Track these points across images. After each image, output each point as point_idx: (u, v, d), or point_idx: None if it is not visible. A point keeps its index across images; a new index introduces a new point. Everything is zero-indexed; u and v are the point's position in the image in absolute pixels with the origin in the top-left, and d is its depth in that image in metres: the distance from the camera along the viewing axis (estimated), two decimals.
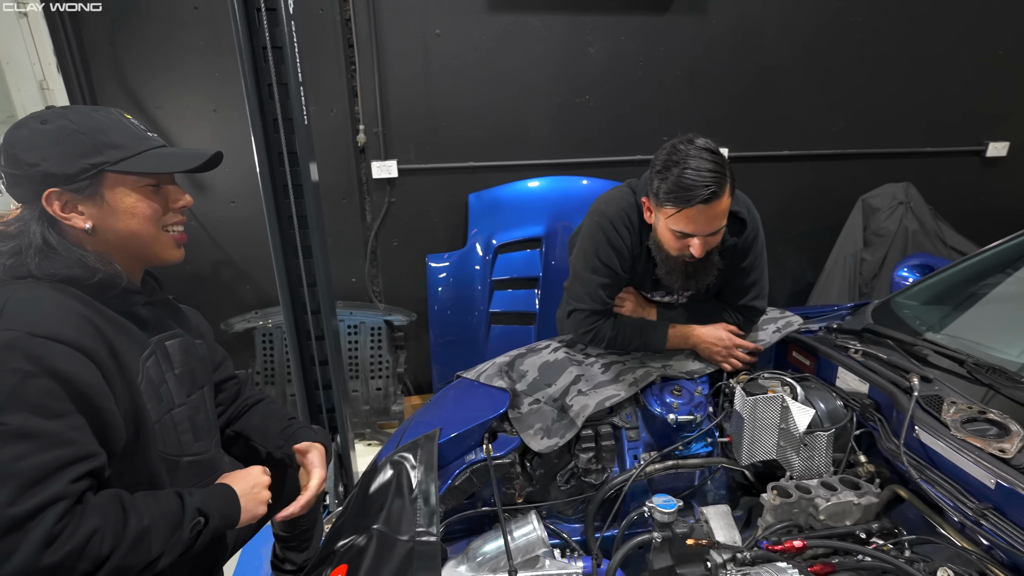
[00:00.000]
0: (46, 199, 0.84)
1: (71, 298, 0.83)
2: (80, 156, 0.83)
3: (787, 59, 2.81)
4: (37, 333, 0.74)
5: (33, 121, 0.84)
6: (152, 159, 0.89)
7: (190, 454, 0.97)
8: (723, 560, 0.97)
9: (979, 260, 1.61)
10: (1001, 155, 3.14)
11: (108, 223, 0.88)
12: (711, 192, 1.22)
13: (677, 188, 1.24)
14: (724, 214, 1.29)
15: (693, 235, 1.29)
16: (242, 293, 2.70)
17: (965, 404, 1.09)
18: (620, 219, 1.44)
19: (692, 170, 1.23)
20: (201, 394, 1.02)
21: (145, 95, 2.39)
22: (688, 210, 1.25)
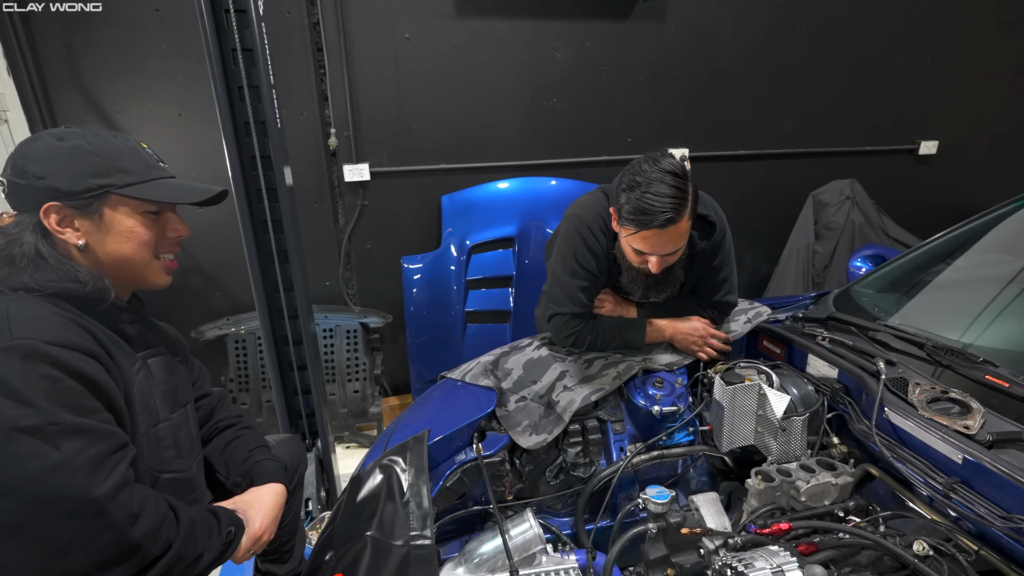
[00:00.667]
0: (44, 211, 0.85)
1: (64, 311, 0.83)
2: (89, 176, 0.86)
3: (739, 64, 2.93)
4: (52, 341, 0.76)
5: (49, 137, 0.87)
6: (160, 188, 0.92)
7: (170, 471, 0.96)
8: (715, 546, 1.00)
9: (925, 250, 1.71)
10: (932, 153, 3.37)
11: (101, 242, 0.90)
12: (667, 218, 1.26)
13: (636, 211, 1.28)
14: (682, 236, 1.33)
15: (650, 254, 1.34)
16: (212, 300, 2.63)
17: (928, 385, 1.17)
18: (596, 223, 1.48)
19: (652, 195, 1.25)
20: (184, 412, 1.02)
21: (105, 99, 2.30)
22: (645, 232, 1.29)
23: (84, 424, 0.76)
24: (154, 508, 0.81)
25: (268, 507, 1.06)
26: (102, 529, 0.74)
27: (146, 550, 0.78)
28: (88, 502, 0.73)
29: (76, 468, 0.73)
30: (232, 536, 0.93)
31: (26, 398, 0.72)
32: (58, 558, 0.72)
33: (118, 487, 0.76)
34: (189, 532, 0.85)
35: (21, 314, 0.78)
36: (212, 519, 0.92)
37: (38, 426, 0.72)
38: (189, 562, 0.84)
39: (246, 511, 1.02)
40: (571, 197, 2.78)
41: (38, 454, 0.71)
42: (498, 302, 2.74)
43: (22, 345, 0.74)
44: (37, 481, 0.71)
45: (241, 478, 1.13)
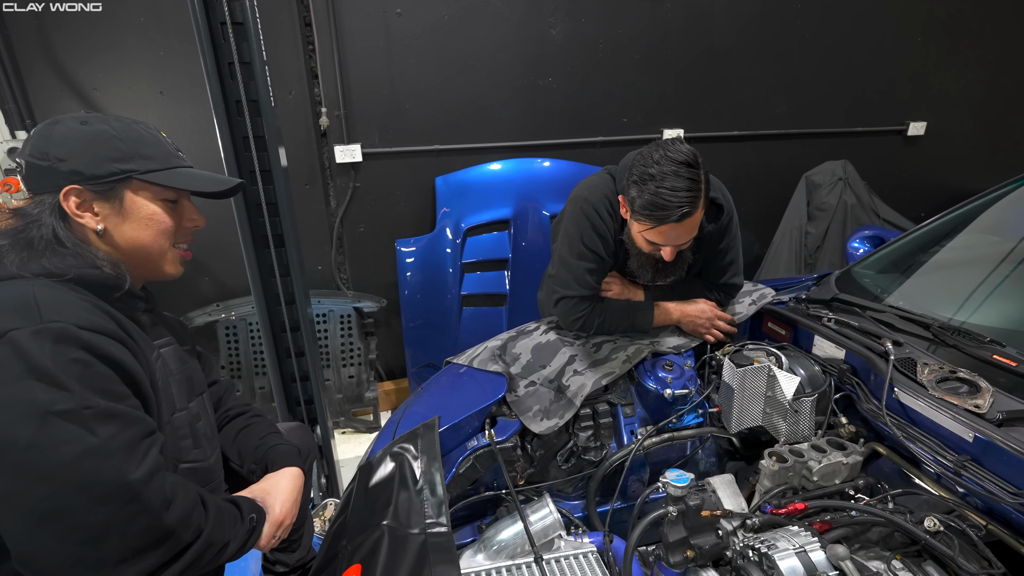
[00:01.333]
0: (64, 194, 0.83)
1: (85, 297, 0.81)
2: (112, 160, 0.84)
3: (735, 44, 2.91)
4: (82, 325, 0.74)
5: (72, 120, 0.85)
6: (181, 176, 0.91)
7: (187, 461, 0.94)
8: (733, 527, 1.01)
9: (927, 231, 1.73)
10: (920, 134, 3.40)
11: (120, 228, 0.88)
12: (684, 213, 1.24)
13: (651, 206, 1.25)
14: (696, 225, 1.32)
15: (664, 245, 1.33)
16: (201, 286, 2.56)
17: (936, 365, 1.18)
18: (603, 205, 1.46)
19: (667, 189, 1.23)
20: (201, 401, 1.00)
21: (80, 76, 2.20)
22: (661, 227, 1.28)
23: (116, 409, 0.75)
24: (184, 494, 0.81)
25: (287, 492, 1.05)
26: (137, 514, 0.73)
27: (179, 536, 0.77)
28: (123, 487, 0.72)
29: (111, 453, 0.72)
30: (255, 523, 0.93)
31: (59, 381, 0.70)
32: (93, 545, 0.70)
33: (152, 472, 0.75)
34: (217, 520, 0.85)
35: (48, 298, 0.75)
36: (234, 508, 0.91)
37: (73, 410, 0.70)
38: (217, 550, 0.84)
39: (264, 499, 1.01)
40: (567, 178, 2.79)
41: (73, 439, 0.70)
42: (494, 285, 2.72)
43: (53, 328, 0.72)
44: (72, 466, 0.69)
45: (255, 465, 1.12)
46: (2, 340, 0.70)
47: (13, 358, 0.69)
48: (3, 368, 0.69)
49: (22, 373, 0.69)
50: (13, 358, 0.69)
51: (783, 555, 0.89)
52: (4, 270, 0.78)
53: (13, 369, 0.69)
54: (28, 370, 0.69)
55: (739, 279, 1.59)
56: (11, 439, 0.68)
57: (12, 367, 0.69)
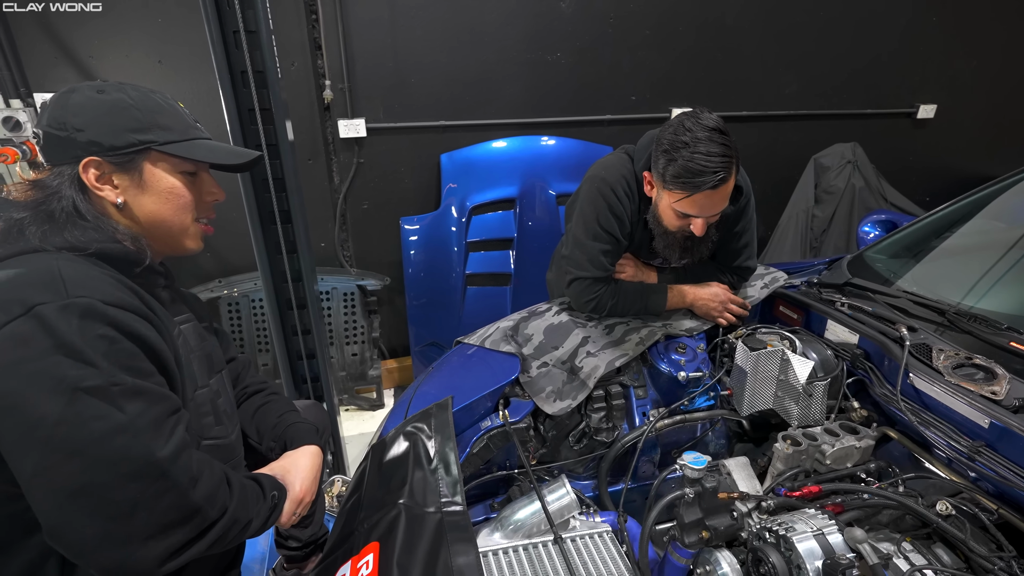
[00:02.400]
0: (83, 166, 0.81)
1: (108, 272, 0.80)
2: (130, 131, 0.82)
3: (746, 21, 2.85)
4: (107, 301, 0.73)
5: (89, 89, 0.83)
6: (200, 148, 0.88)
7: (209, 437, 0.94)
8: (748, 509, 1.02)
9: (941, 215, 1.72)
10: (929, 117, 3.36)
11: (140, 202, 0.86)
12: (720, 179, 1.21)
13: (686, 173, 1.22)
14: (728, 195, 1.30)
15: (697, 216, 1.31)
16: (202, 261, 2.53)
17: (952, 351, 1.18)
18: (620, 185, 1.43)
19: (702, 154, 1.20)
20: (220, 378, 1.00)
21: (75, 42, 2.13)
22: (696, 195, 1.25)
23: (143, 386, 0.74)
24: (210, 472, 0.81)
25: (306, 470, 1.05)
26: (165, 491, 0.73)
27: (205, 513, 0.77)
28: (152, 464, 0.72)
29: (139, 430, 0.72)
30: (276, 501, 0.93)
31: (87, 357, 0.69)
32: (122, 520, 0.70)
33: (179, 450, 0.75)
34: (241, 497, 0.85)
35: (73, 272, 0.73)
36: (256, 486, 0.92)
37: (101, 386, 0.69)
38: (241, 527, 0.84)
39: (285, 476, 1.01)
40: (574, 157, 2.75)
41: (101, 415, 0.69)
42: (499, 264, 2.70)
43: (79, 304, 0.70)
44: (101, 443, 0.69)
45: (274, 443, 1.12)
46: (29, 315, 0.68)
47: (41, 333, 0.68)
48: (31, 343, 0.68)
49: (50, 348, 0.68)
50: (41, 333, 0.68)
51: (801, 537, 0.90)
52: (26, 243, 0.76)
53: (41, 344, 0.68)
54: (56, 346, 0.68)
55: (753, 262, 1.58)
56: (41, 414, 0.67)
57: (40, 342, 0.68)
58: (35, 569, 0.79)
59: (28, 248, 0.76)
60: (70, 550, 0.71)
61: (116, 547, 0.71)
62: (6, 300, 0.69)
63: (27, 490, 0.70)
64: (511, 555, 1.01)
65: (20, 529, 0.77)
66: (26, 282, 0.71)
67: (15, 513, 0.74)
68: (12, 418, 0.67)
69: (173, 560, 0.75)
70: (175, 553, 0.75)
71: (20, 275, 0.72)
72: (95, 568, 0.72)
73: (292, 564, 1.44)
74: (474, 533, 1.00)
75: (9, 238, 0.77)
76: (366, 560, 0.95)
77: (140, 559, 0.72)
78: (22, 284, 0.71)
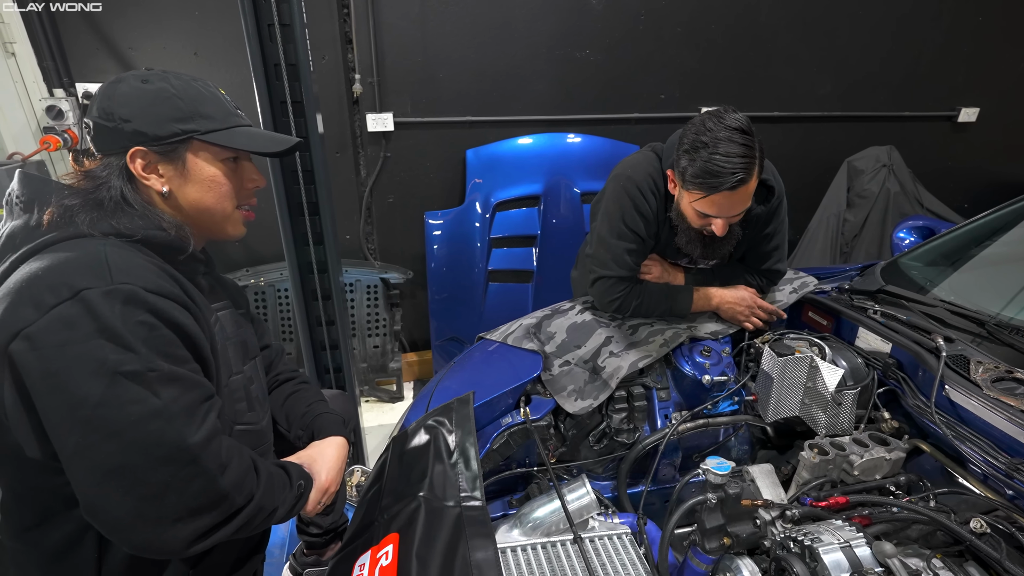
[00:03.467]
0: (131, 156, 0.83)
1: (151, 259, 0.82)
2: (173, 120, 0.83)
3: (780, 18, 2.78)
4: (149, 288, 0.75)
5: (134, 79, 0.84)
6: (241, 136, 0.89)
7: (242, 423, 0.96)
8: (771, 517, 1.00)
9: (983, 223, 1.66)
10: (971, 120, 3.24)
11: (184, 191, 0.88)
12: (739, 180, 1.20)
13: (704, 174, 1.21)
14: (750, 195, 1.28)
15: (716, 217, 1.29)
16: (230, 250, 2.58)
17: (991, 364, 1.14)
18: (647, 184, 1.42)
19: (721, 155, 1.19)
20: (254, 364, 1.01)
21: (115, 33, 2.18)
22: (714, 196, 1.24)
23: (178, 373, 0.76)
24: (239, 459, 0.82)
25: (332, 460, 1.07)
26: (195, 476, 0.75)
27: (232, 499, 0.79)
28: (183, 449, 0.74)
29: (173, 416, 0.73)
30: (302, 490, 0.95)
31: (127, 343, 0.71)
32: (154, 502, 0.72)
33: (210, 436, 0.77)
34: (268, 486, 0.86)
35: (118, 259, 0.76)
36: (284, 474, 0.93)
37: (139, 371, 0.72)
38: (267, 514, 0.86)
39: (311, 465, 1.03)
40: (601, 155, 2.73)
41: (138, 399, 0.71)
42: (521, 261, 2.70)
43: (123, 290, 0.73)
44: (137, 426, 0.71)
45: (302, 431, 1.13)
46: (76, 298, 0.70)
47: (86, 317, 0.70)
48: (76, 326, 0.70)
49: (93, 332, 0.70)
50: (86, 317, 0.70)
51: (827, 548, 0.88)
52: (75, 228, 0.79)
53: (86, 327, 0.70)
54: (99, 330, 0.70)
55: (783, 265, 1.55)
56: (83, 395, 0.69)
57: (85, 325, 0.70)
58: (74, 542, 0.82)
59: (78, 233, 0.78)
60: (104, 526, 0.74)
61: (147, 526, 0.73)
62: (56, 283, 0.71)
63: (67, 467, 0.72)
64: (529, 552, 1.01)
65: (61, 502, 0.80)
66: (75, 266, 0.73)
67: (57, 487, 0.77)
68: (58, 397, 0.70)
69: (200, 542, 0.77)
70: (203, 536, 0.77)
71: (70, 259, 0.74)
72: (126, 545, 0.74)
73: (312, 550, 1.46)
74: (493, 528, 1.00)
75: (61, 223, 0.79)
76: (386, 551, 0.95)
77: (169, 539, 0.74)
78: (71, 268, 0.73)
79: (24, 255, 0.77)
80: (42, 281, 0.72)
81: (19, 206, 0.81)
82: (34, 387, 0.70)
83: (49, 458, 0.75)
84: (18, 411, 0.73)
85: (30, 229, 0.79)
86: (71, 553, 0.82)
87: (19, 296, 0.71)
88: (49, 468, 0.76)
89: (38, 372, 0.69)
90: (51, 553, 0.83)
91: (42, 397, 0.70)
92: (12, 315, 0.70)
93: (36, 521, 0.82)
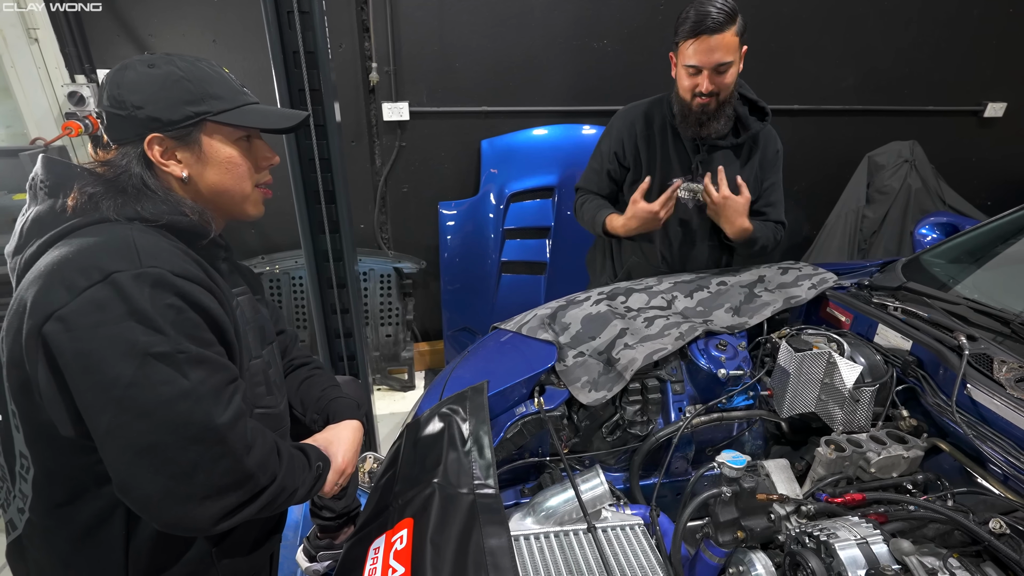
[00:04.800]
0: (148, 143, 0.83)
1: (176, 244, 0.82)
2: (184, 103, 0.83)
3: (803, 9, 2.73)
4: (176, 272, 0.76)
5: (140, 64, 0.84)
6: (252, 114, 0.89)
7: (261, 406, 0.97)
8: (786, 512, 1.00)
9: (1008, 221, 1.62)
10: (998, 116, 3.16)
11: (203, 175, 0.88)
12: (716, 22, 1.45)
13: (686, 21, 1.49)
14: (729, 49, 1.50)
15: (702, 68, 1.51)
16: (247, 238, 2.61)
17: (1016, 363, 1.12)
18: (632, 113, 1.75)
19: (700, 5, 1.48)
20: (272, 349, 1.02)
21: (135, 20, 2.20)
22: (695, 42, 1.48)
23: (205, 355, 0.77)
24: (263, 440, 0.83)
25: (348, 443, 1.08)
26: (222, 456, 0.76)
27: (257, 479, 0.80)
28: (211, 429, 0.75)
29: (201, 397, 0.75)
30: (321, 471, 0.96)
31: (157, 325, 0.72)
32: (183, 480, 0.74)
33: (236, 417, 0.78)
34: (289, 466, 0.87)
35: (145, 243, 0.77)
36: (303, 456, 0.94)
37: (168, 353, 0.73)
38: (288, 494, 0.87)
39: (328, 447, 1.04)
40: None
41: (168, 380, 0.73)
42: (535, 253, 2.70)
43: (151, 273, 0.74)
44: (168, 406, 0.72)
45: (317, 415, 1.15)
46: (106, 281, 0.71)
47: (117, 299, 0.71)
48: (108, 308, 0.71)
49: (124, 314, 0.71)
50: (117, 299, 0.71)
51: (844, 545, 0.87)
52: (101, 214, 0.79)
53: (117, 310, 0.71)
54: (130, 312, 0.71)
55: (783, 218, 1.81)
56: (115, 376, 0.70)
57: (116, 308, 0.71)
58: (104, 518, 0.84)
59: (104, 218, 0.79)
60: (135, 504, 0.75)
61: (176, 504, 0.74)
62: (87, 266, 0.73)
63: (100, 446, 0.74)
64: (543, 541, 1.01)
65: (92, 479, 0.81)
66: (105, 250, 0.74)
67: (88, 465, 0.79)
68: (91, 377, 0.71)
69: (226, 520, 0.78)
70: (229, 514, 0.78)
71: (100, 243, 0.75)
72: (156, 522, 0.76)
73: (325, 534, 1.48)
74: (506, 516, 1.01)
75: (86, 209, 0.80)
76: (400, 535, 0.96)
77: (197, 517, 0.75)
78: (101, 251, 0.74)
79: (52, 239, 0.78)
80: (73, 264, 0.73)
81: (44, 191, 0.82)
82: (67, 367, 0.71)
83: (82, 437, 0.76)
84: (52, 391, 0.74)
85: (56, 214, 0.80)
86: (100, 530, 0.84)
87: (51, 279, 0.72)
88: (81, 447, 0.78)
89: (71, 352, 0.70)
90: (81, 530, 0.84)
91: (75, 377, 0.71)
92: (45, 297, 0.71)
93: (67, 498, 0.84)
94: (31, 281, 0.74)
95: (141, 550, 0.86)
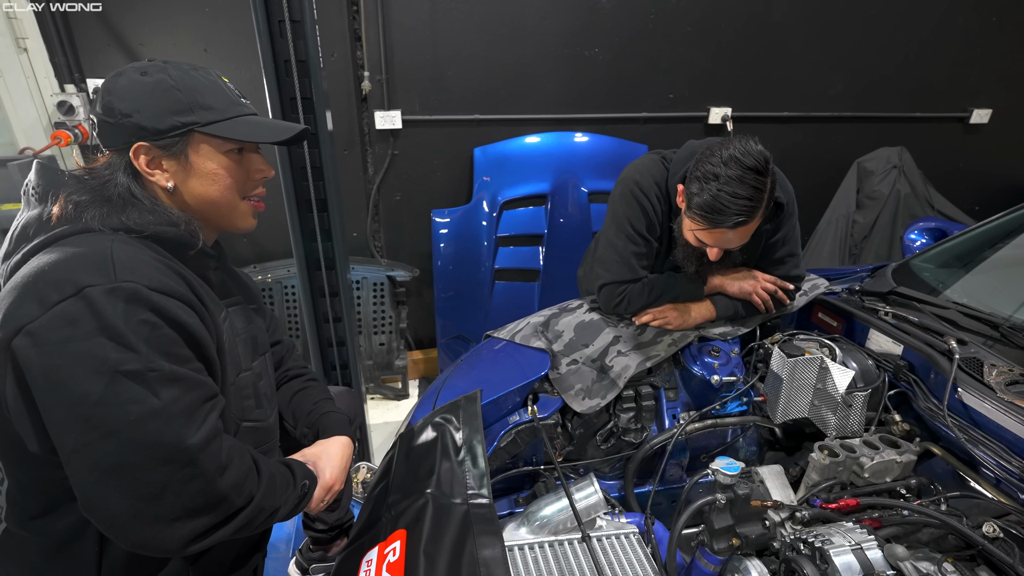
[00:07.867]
0: (134, 152, 0.82)
1: (160, 256, 0.81)
2: (172, 113, 0.82)
3: (792, 17, 2.76)
4: (152, 287, 0.74)
5: (133, 72, 0.83)
6: (242, 126, 0.87)
7: (250, 420, 0.95)
8: (781, 519, 0.99)
9: (998, 225, 1.64)
10: (983, 122, 3.20)
11: (188, 185, 0.87)
12: (740, 221, 1.20)
13: (708, 208, 1.20)
14: (750, 233, 1.27)
15: (713, 247, 1.30)
16: (238, 247, 2.59)
17: (1006, 367, 1.13)
18: (653, 191, 1.41)
19: (728, 195, 1.17)
20: (263, 361, 1.00)
21: (125, 29, 2.19)
22: (713, 230, 1.24)
23: (180, 373, 0.75)
24: (239, 461, 0.81)
25: (337, 459, 1.06)
26: (193, 477, 0.74)
27: (231, 501, 0.78)
28: (182, 450, 0.73)
29: (172, 416, 0.73)
30: (307, 489, 0.94)
31: (128, 342, 0.71)
32: (151, 501, 0.72)
33: (209, 437, 0.76)
34: (269, 487, 0.85)
35: (124, 256, 0.75)
36: (288, 473, 0.92)
37: (139, 371, 0.71)
38: (267, 515, 0.85)
39: (316, 463, 1.02)
40: (608, 155, 2.72)
41: (138, 399, 0.71)
42: (528, 260, 2.70)
43: (125, 288, 0.72)
44: (136, 426, 0.71)
45: (308, 429, 1.13)
46: (79, 296, 0.70)
47: (88, 315, 0.70)
48: (78, 323, 0.69)
49: (95, 331, 0.69)
50: (88, 315, 0.70)
51: (838, 551, 0.87)
52: (84, 224, 0.78)
53: (87, 325, 0.69)
54: (101, 328, 0.70)
55: (799, 271, 1.52)
56: (83, 393, 0.69)
57: (86, 323, 0.69)
58: (78, 533, 0.82)
59: (87, 228, 0.78)
60: (102, 524, 0.73)
61: (144, 525, 0.72)
62: (61, 279, 0.71)
63: (66, 464, 0.72)
64: (537, 551, 1.00)
65: (64, 494, 0.80)
66: (80, 263, 0.73)
67: (60, 479, 0.77)
68: (59, 394, 0.69)
69: (198, 542, 0.76)
70: (200, 536, 0.76)
71: (76, 255, 0.73)
72: (124, 542, 0.74)
73: (318, 546, 1.47)
74: (500, 526, 1.00)
75: (71, 218, 0.79)
76: (393, 547, 0.95)
77: (166, 539, 0.73)
78: (76, 265, 0.72)
79: (35, 248, 0.77)
80: (47, 277, 0.71)
81: (35, 196, 0.81)
82: (35, 383, 0.70)
83: (49, 453, 0.74)
84: (19, 406, 0.73)
85: (42, 222, 0.79)
86: (74, 544, 0.83)
87: (24, 291, 0.71)
88: (50, 462, 0.76)
89: (39, 368, 0.69)
90: (55, 542, 0.83)
91: (42, 393, 0.70)
92: (17, 310, 0.70)
93: (41, 511, 0.83)
94: (7, 292, 0.73)
95: (115, 566, 0.84)
